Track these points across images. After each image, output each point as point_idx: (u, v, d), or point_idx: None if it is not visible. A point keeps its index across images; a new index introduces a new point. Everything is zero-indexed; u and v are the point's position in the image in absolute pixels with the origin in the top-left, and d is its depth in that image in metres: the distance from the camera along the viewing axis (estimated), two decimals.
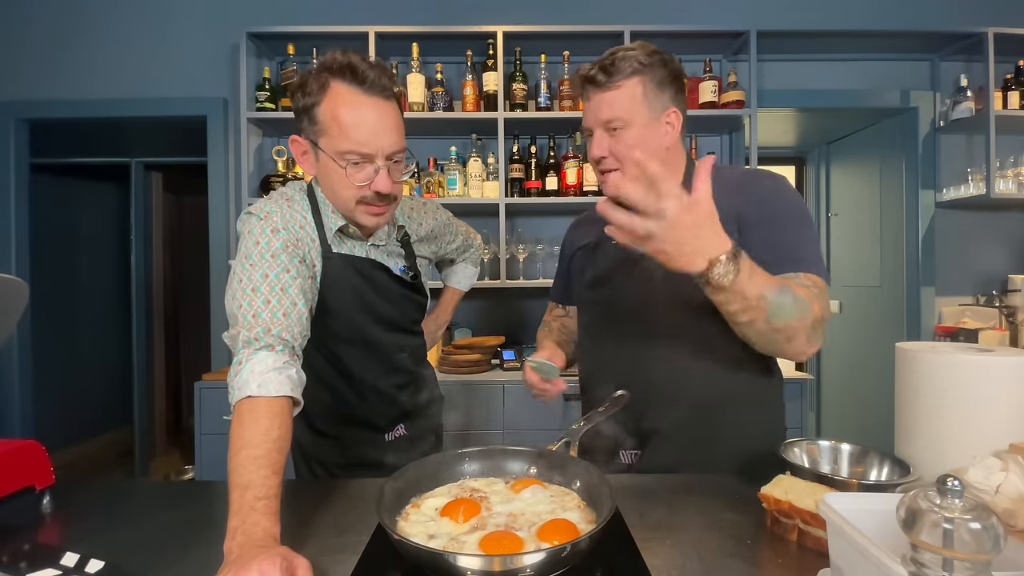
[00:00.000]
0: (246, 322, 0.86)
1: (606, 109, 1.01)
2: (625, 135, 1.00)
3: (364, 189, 0.96)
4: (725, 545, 0.74)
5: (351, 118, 0.93)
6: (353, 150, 0.93)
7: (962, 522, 0.41)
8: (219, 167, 2.78)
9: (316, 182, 1.06)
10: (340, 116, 0.93)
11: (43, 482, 0.90)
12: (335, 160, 0.95)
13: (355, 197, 0.97)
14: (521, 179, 2.62)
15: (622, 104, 1.00)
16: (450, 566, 0.60)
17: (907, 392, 0.90)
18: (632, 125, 1.00)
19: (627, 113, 1.00)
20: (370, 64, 0.94)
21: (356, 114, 0.93)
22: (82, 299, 4.00)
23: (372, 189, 0.96)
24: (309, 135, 0.97)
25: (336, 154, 0.94)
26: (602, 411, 0.96)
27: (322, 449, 1.17)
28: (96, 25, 2.77)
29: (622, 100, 1.00)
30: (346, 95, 0.93)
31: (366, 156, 0.94)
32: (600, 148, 1.02)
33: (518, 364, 2.49)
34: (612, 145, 1.01)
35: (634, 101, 1.00)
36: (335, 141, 0.94)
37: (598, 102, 1.02)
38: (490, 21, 2.63)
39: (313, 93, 0.94)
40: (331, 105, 0.93)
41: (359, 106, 0.93)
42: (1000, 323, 2.64)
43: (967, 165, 2.74)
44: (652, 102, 1.01)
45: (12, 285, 0.89)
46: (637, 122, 1.00)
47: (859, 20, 2.71)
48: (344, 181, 0.95)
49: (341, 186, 0.97)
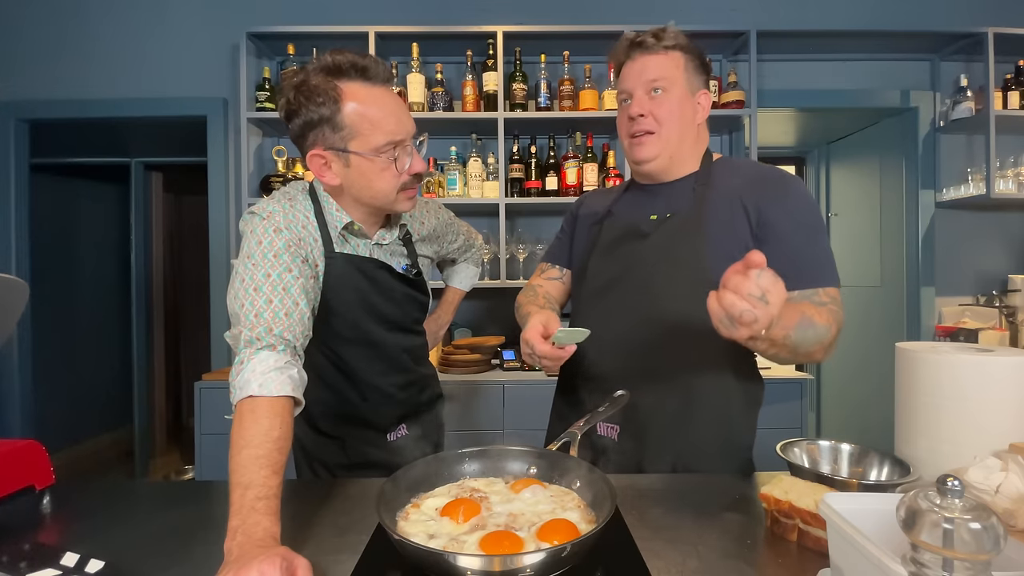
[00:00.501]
0: (248, 321, 0.86)
1: (653, 68, 1.04)
2: (666, 98, 1.04)
3: (404, 175, 0.99)
4: (725, 545, 0.74)
5: (378, 112, 0.95)
6: (389, 141, 0.95)
7: (962, 522, 0.41)
8: (219, 167, 2.78)
9: (317, 183, 1.05)
10: (368, 113, 0.94)
11: (43, 482, 0.90)
12: (372, 158, 0.96)
13: (397, 186, 0.99)
14: (521, 179, 2.62)
15: (668, 67, 1.04)
16: (450, 566, 0.60)
17: (907, 392, 0.90)
18: (673, 90, 1.04)
19: (672, 77, 1.04)
20: (370, 58, 0.96)
21: (379, 107, 0.95)
22: (82, 299, 4.00)
23: (411, 172, 0.99)
24: (333, 144, 0.95)
25: (371, 151, 0.95)
26: (602, 411, 0.96)
27: (324, 449, 1.16)
28: (96, 25, 2.77)
29: (669, 64, 1.04)
30: (363, 93, 0.95)
31: (399, 143, 0.97)
32: (641, 106, 1.05)
33: (518, 364, 2.49)
34: (653, 107, 1.04)
35: (677, 70, 1.05)
36: (368, 139, 0.95)
37: (644, 63, 1.05)
38: (490, 21, 2.64)
39: (328, 101, 0.92)
40: (354, 106, 0.93)
41: (377, 98, 0.96)
42: (1000, 323, 2.64)
43: (967, 165, 2.74)
44: (692, 77, 1.06)
45: (12, 285, 0.89)
46: (677, 90, 1.04)
47: (859, 20, 2.71)
48: (386, 174, 0.97)
49: (382, 180, 0.98)
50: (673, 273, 1.01)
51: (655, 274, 1.03)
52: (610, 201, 1.19)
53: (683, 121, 1.06)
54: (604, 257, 1.12)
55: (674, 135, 1.05)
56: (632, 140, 1.08)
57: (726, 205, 1.02)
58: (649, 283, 1.04)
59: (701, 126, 1.10)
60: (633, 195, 1.16)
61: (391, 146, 0.96)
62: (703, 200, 1.04)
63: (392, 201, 1.01)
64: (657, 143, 1.06)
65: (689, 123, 1.07)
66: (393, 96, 0.98)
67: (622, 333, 1.06)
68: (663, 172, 1.09)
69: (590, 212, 1.21)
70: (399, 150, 0.97)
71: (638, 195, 1.15)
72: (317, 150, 0.96)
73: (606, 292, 1.10)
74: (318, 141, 0.95)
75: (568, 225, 1.28)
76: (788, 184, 1.02)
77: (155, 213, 4.11)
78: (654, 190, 1.12)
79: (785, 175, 1.05)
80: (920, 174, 2.83)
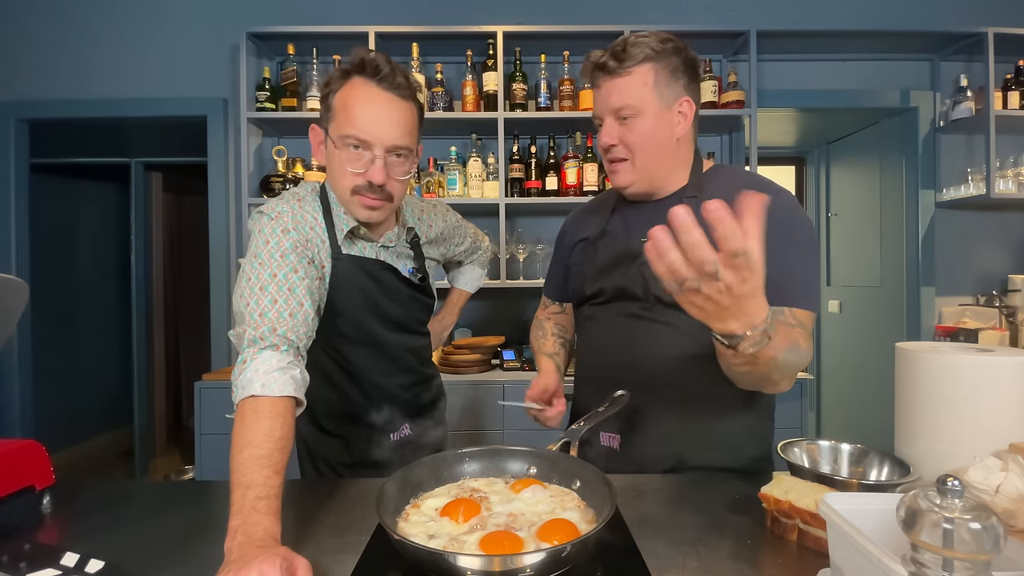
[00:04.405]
0: (252, 321, 0.86)
1: (616, 96, 0.98)
2: (636, 124, 0.98)
3: (359, 177, 0.98)
4: (725, 545, 0.74)
5: (358, 106, 0.97)
6: (352, 135, 0.96)
7: (962, 522, 0.41)
8: (219, 167, 2.78)
9: (328, 183, 1.07)
10: (348, 103, 0.97)
11: (43, 482, 0.90)
12: (338, 147, 0.98)
13: (351, 185, 0.99)
14: (521, 179, 2.62)
15: (633, 92, 0.97)
16: (450, 566, 0.60)
17: (907, 392, 0.90)
18: (643, 114, 0.98)
19: (638, 101, 0.98)
20: (392, 65, 0.98)
21: (364, 103, 0.97)
22: (82, 299, 4.00)
23: (366, 178, 0.98)
24: (323, 123, 1.02)
25: (338, 138, 0.98)
26: (602, 411, 0.96)
27: (328, 447, 1.17)
28: (96, 25, 2.77)
29: (633, 87, 0.97)
30: (361, 87, 0.98)
31: (364, 143, 0.97)
32: (610, 136, 1.00)
33: (518, 364, 2.49)
34: (623, 134, 1.00)
35: (645, 89, 0.97)
36: (340, 126, 0.98)
37: (608, 89, 0.99)
38: (490, 21, 2.64)
39: (333, 84, 0.99)
40: (344, 94, 0.98)
41: (370, 97, 0.97)
42: (1000, 323, 2.64)
43: (967, 165, 2.74)
44: (664, 91, 0.98)
45: (12, 285, 0.89)
46: (648, 111, 0.98)
47: (859, 20, 2.71)
48: (342, 167, 0.99)
49: (339, 172, 1.00)
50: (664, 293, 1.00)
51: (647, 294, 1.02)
52: (601, 221, 1.15)
53: (657, 143, 1.00)
54: (600, 279, 1.10)
55: (648, 160, 1.01)
56: (608, 167, 1.05)
57: None
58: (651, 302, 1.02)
59: (683, 138, 1.03)
60: (623, 214, 1.12)
61: (354, 140, 0.97)
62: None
63: (347, 201, 1.02)
64: (631, 171, 1.02)
65: (665, 142, 1.01)
66: (390, 105, 0.98)
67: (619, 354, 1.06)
68: (646, 194, 1.06)
69: (582, 236, 1.17)
70: (363, 150, 0.98)
71: (628, 213, 1.11)
72: (316, 125, 1.04)
73: (603, 314, 1.09)
74: (321, 119, 1.03)
75: (560, 252, 1.25)
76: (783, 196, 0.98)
77: (155, 213, 4.11)
78: (643, 208, 1.08)
79: (779, 188, 1.01)
80: (920, 174, 2.83)
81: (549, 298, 1.31)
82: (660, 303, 1.01)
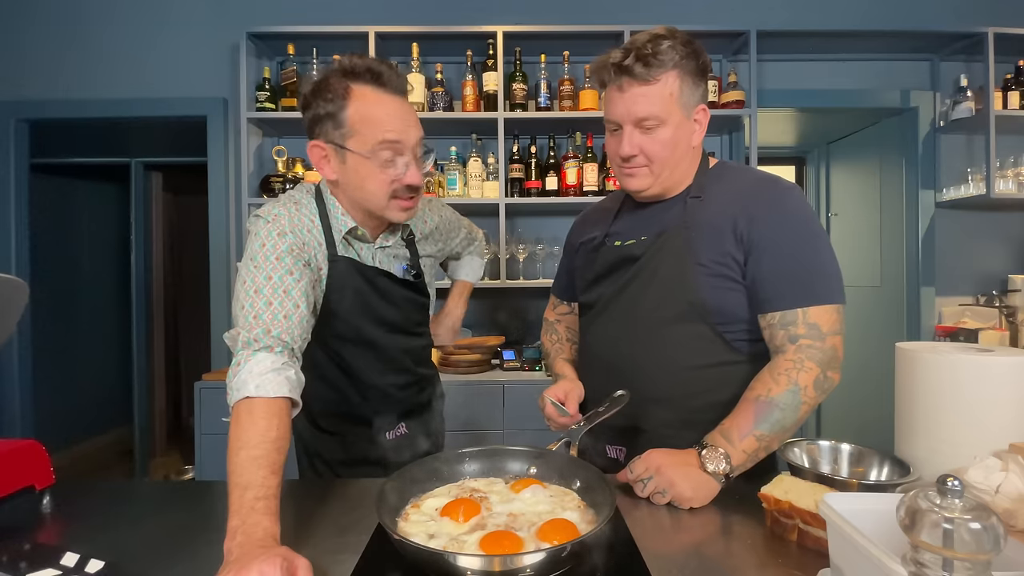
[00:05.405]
0: (247, 323, 0.86)
1: (643, 105, 0.94)
2: (659, 133, 0.96)
3: (396, 183, 0.98)
4: (725, 545, 0.74)
5: (381, 113, 0.96)
6: (386, 140, 0.95)
7: (962, 522, 0.41)
8: (219, 167, 2.77)
9: (325, 185, 1.06)
10: (370, 114, 0.96)
11: (43, 482, 0.90)
12: (367, 157, 0.96)
13: (388, 192, 0.99)
14: (521, 179, 2.62)
15: (660, 101, 0.94)
16: (450, 566, 0.60)
17: (907, 392, 0.90)
18: (666, 123, 0.96)
19: (664, 111, 0.95)
20: (388, 66, 0.98)
21: (384, 109, 0.96)
22: (82, 299, 3.99)
23: (404, 183, 0.98)
24: (333, 139, 0.98)
25: (369, 151, 0.96)
26: (602, 411, 0.96)
27: (324, 445, 1.18)
28: (96, 25, 2.76)
29: (660, 97, 0.94)
30: (371, 96, 0.97)
31: (398, 148, 0.97)
32: (631, 146, 0.97)
33: (518, 364, 2.49)
34: (644, 144, 0.97)
35: (671, 99, 0.95)
36: (366, 138, 0.96)
37: (633, 96, 0.95)
38: (490, 21, 2.63)
39: (336, 99, 0.96)
40: (358, 107, 0.96)
41: (385, 103, 0.97)
42: (1000, 323, 2.64)
43: (967, 165, 2.74)
44: (687, 100, 0.97)
45: (12, 285, 0.89)
46: (671, 120, 0.96)
47: (859, 20, 2.71)
48: (378, 177, 0.97)
49: (374, 183, 0.98)
50: (664, 295, 0.99)
51: (650, 300, 1.01)
52: (607, 223, 1.15)
53: (678, 151, 0.99)
54: (602, 282, 1.10)
55: (668, 166, 1.00)
56: (623, 170, 1.02)
57: (716, 220, 0.98)
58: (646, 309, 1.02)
59: (698, 144, 1.03)
60: (629, 214, 1.13)
61: (386, 146, 0.96)
62: (693, 218, 1.00)
63: (383, 207, 1.01)
64: (649, 176, 1.00)
65: (685, 150, 1.00)
66: (403, 104, 0.99)
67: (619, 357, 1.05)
68: (658, 196, 1.06)
69: (588, 238, 1.17)
70: (396, 155, 0.97)
71: (633, 214, 1.11)
72: (319, 141, 0.99)
73: (604, 316, 1.09)
74: (321, 134, 0.99)
75: (567, 256, 1.27)
76: (781, 193, 0.98)
77: (155, 213, 4.11)
78: (648, 209, 1.09)
79: (779, 183, 1.01)
80: (920, 174, 2.83)
81: (558, 297, 1.32)
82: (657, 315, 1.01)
